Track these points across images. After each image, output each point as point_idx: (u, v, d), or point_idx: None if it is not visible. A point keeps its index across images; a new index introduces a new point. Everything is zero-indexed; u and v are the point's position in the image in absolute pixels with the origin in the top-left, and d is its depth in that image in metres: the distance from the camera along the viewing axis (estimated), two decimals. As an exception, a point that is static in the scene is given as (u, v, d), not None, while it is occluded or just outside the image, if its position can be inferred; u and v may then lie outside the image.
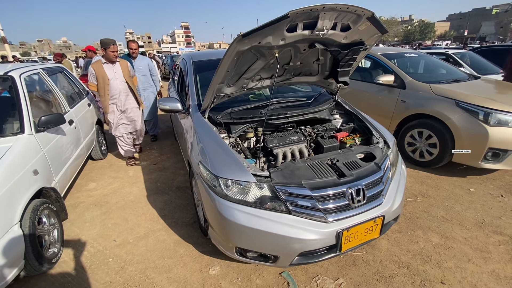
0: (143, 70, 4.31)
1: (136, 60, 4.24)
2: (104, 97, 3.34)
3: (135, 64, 4.15)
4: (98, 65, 3.27)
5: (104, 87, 3.29)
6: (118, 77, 3.35)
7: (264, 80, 2.24)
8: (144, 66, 4.32)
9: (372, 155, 1.92)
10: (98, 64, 3.29)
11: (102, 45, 3.25)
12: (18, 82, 2.36)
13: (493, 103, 2.83)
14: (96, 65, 3.28)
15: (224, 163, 1.71)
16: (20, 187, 1.83)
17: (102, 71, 3.26)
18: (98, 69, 3.26)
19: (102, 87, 3.30)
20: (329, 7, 1.50)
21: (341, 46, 1.94)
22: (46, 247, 1.96)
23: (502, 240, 2.13)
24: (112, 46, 3.24)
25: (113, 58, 3.28)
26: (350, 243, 1.63)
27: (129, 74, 3.46)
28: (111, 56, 3.26)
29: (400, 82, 3.55)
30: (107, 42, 3.24)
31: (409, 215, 2.47)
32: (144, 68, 4.31)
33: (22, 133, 2.14)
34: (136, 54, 4.22)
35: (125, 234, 2.35)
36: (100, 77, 3.26)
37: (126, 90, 3.45)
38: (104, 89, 3.30)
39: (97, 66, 3.27)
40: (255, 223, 1.53)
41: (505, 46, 7.11)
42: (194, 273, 1.91)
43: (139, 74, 4.20)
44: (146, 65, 4.34)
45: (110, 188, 3.17)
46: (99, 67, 3.26)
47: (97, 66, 3.27)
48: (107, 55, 3.26)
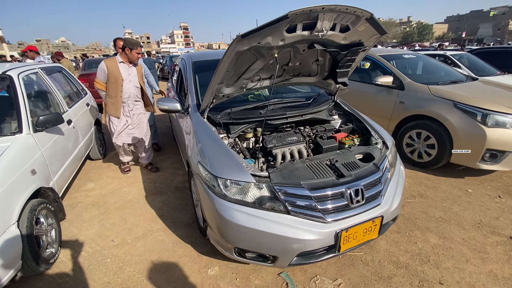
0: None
1: None
2: (116, 98, 3.10)
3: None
4: (113, 63, 3.06)
5: (116, 88, 3.08)
6: (132, 80, 3.16)
7: (264, 81, 2.25)
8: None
9: (371, 155, 1.92)
10: (113, 61, 3.07)
11: (128, 44, 3.04)
12: (16, 81, 2.35)
13: (491, 105, 2.85)
14: (110, 62, 3.06)
15: (223, 163, 1.71)
16: (18, 187, 1.82)
17: (117, 70, 3.05)
18: (112, 67, 3.04)
19: (115, 88, 3.08)
20: (328, 8, 1.51)
21: (340, 47, 1.95)
22: (44, 247, 1.95)
23: (500, 241, 2.14)
24: (139, 48, 3.09)
25: (136, 60, 3.14)
26: (349, 244, 1.63)
27: (143, 79, 3.34)
28: (135, 57, 3.09)
29: (398, 83, 3.57)
30: (135, 42, 3.08)
31: (408, 215, 2.48)
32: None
33: (20, 133, 2.13)
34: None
35: (124, 235, 2.34)
36: (113, 76, 3.04)
37: (136, 95, 3.25)
38: (116, 90, 3.08)
39: (111, 63, 3.05)
40: (254, 223, 1.53)
41: (502, 48, 7.16)
42: (193, 273, 1.91)
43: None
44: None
45: (109, 188, 3.16)
46: (113, 66, 3.05)
47: (111, 64, 3.05)
48: (131, 55, 3.06)
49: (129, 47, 3.03)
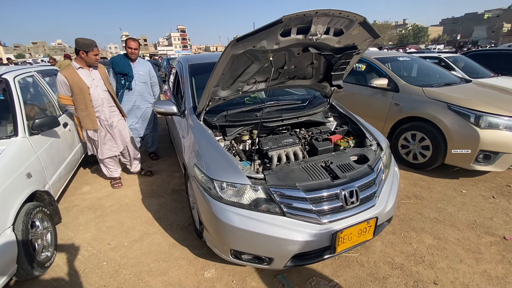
0: (144, 77, 3.54)
1: (136, 63, 3.47)
2: (87, 109, 2.72)
3: (134, 68, 3.43)
4: (71, 72, 2.63)
5: (85, 98, 2.69)
6: (98, 85, 2.78)
7: (259, 83, 2.27)
8: (146, 72, 3.54)
9: (366, 157, 1.94)
10: (69, 70, 2.63)
11: (81, 47, 2.59)
12: (12, 84, 2.36)
13: (484, 106, 2.89)
14: (67, 72, 2.61)
15: (219, 165, 1.72)
16: (13, 190, 1.81)
17: (77, 78, 2.64)
18: (72, 76, 2.61)
19: (82, 99, 2.68)
20: (322, 12, 1.53)
21: (334, 50, 1.98)
22: (39, 251, 1.94)
23: (494, 241, 2.17)
24: (95, 49, 2.67)
25: (95, 62, 2.75)
26: (344, 245, 1.64)
27: (109, 81, 2.99)
28: (93, 60, 2.69)
29: (393, 86, 3.61)
30: (90, 43, 2.62)
31: (403, 216, 2.50)
32: (145, 74, 3.54)
33: (15, 136, 2.13)
34: (136, 55, 3.44)
35: (120, 237, 2.33)
36: (76, 86, 2.63)
37: (109, 99, 2.89)
38: (85, 100, 2.69)
39: (69, 72, 2.61)
40: (250, 225, 1.54)
41: (495, 50, 7.26)
42: (189, 276, 1.91)
43: (139, 81, 3.49)
44: (148, 71, 3.57)
45: (105, 191, 3.15)
46: (72, 74, 2.62)
47: (69, 73, 2.61)
48: (88, 58, 2.66)
49: (84, 50, 2.61)
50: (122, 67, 3.37)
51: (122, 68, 3.37)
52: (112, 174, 3.21)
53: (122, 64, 3.38)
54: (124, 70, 3.37)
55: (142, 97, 3.58)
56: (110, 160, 3.12)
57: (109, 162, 3.13)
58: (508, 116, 2.80)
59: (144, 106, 3.61)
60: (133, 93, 3.49)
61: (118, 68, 3.37)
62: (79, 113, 2.77)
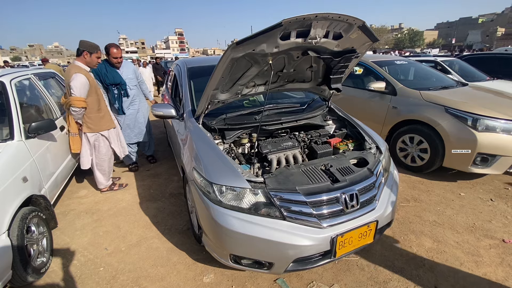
0: (133, 80, 3.48)
1: (122, 68, 3.35)
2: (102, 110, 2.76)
3: (123, 74, 3.33)
4: (86, 73, 2.64)
5: (99, 99, 2.74)
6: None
7: (258, 87, 2.26)
8: (133, 74, 3.48)
9: (365, 160, 1.94)
10: (84, 71, 2.62)
11: (86, 48, 2.63)
12: (8, 87, 2.33)
13: (481, 109, 2.91)
14: (85, 73, 2.61)
15: (218, 169, 1.71)
16: (9, 194, 1.78)
17: (92, 79, 2.71)
18: (89, 77, 2.64)
19: (96, 100, 2.72)
20: (321, 16, 1.54)
21: (333, 54, 1.98)
22: (35, 256, 1.90)
23: (493, 244, 2.17)
24: (99, 52, 2.72)
25: (96, 65, 2.80)
26: (345, 249, 1.63)
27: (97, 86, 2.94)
28: (95, 62, 2.74)
29: (391, 89, 3.63)
30: (96, 46, 2.69)
31: (402, 219, 2.50)
32: (133, 76, 3.48)
33: (11, 139, 2.11)
34: (121, 64, 3.32)
35: (117, 242, 2.30)
36: (93, 87, 2.69)
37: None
38: (99, 101, 2.75)
39: (86, 73, 2.62)
40: (250, 230, 1.52)
41: (490, 54, 7.35)
42: (188, 281, 1.88)
43: (132, 85, 3.43)
44: (133, 72, 3.51)
45: (102, 195, 3.11)
46: (88, 75, 2.65)
47: (87, 74, 2.62)
48: (90, 60, 2.68)
49: (89, 51, 2.64)
50: (113, 77, 3.23)
51: (113, 78, 3.23)
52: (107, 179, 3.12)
53: (112, 75, 3.24)
54: (115, 80, 3.25)
55: (140, 100, 3.60)
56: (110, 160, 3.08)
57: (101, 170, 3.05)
58: (505, 119, 2.82)
59: (144, 107, 3.68)
60: (132, 99, 3.48)
61: (109, 80, 3.21)
62: (94, 115, 2.72)
